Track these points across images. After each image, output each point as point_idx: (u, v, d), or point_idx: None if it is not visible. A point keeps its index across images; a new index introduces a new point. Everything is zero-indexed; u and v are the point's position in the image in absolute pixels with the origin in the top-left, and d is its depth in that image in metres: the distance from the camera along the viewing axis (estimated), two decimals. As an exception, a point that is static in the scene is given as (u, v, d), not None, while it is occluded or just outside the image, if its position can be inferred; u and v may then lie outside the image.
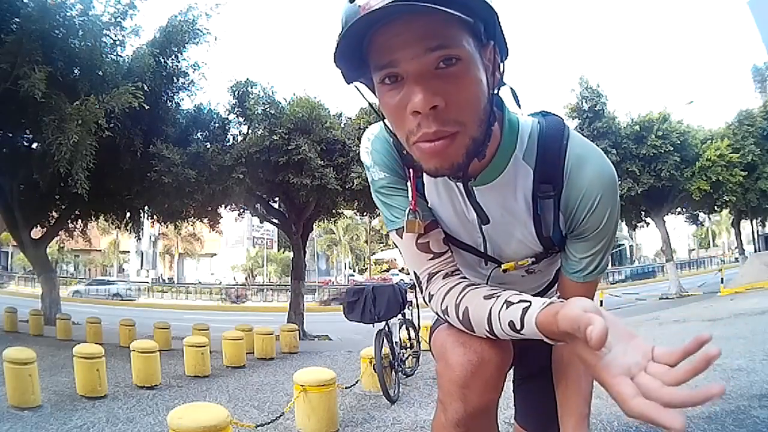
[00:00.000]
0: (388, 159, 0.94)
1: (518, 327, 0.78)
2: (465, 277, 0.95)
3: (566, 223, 0.90)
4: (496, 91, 0.77)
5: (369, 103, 0.80)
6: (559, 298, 0.98)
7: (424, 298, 0.98)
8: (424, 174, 0.93)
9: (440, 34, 0.66)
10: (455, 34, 0.67)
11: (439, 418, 0.95)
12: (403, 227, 0.92)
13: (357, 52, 0.70)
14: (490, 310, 0.82)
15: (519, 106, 0.85)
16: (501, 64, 0.77)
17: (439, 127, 0.69)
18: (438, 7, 0.61)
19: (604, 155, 0.90)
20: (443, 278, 0.93)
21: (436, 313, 0.96)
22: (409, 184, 0.92)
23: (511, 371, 1.19)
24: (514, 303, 0.80)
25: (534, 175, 0.87)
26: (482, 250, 0.98)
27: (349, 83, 0.76)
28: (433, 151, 0.71)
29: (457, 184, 0.89)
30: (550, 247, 0.94)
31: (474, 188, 0.88)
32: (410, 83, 0.68)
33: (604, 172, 0.86)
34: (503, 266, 0.97)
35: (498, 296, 0.83)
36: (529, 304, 0.77)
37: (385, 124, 0.84)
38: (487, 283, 0.98)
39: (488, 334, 0.85)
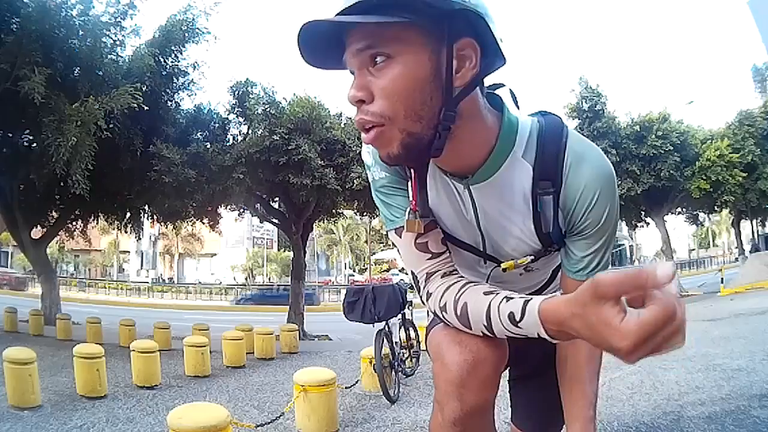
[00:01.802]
0: None
1: (518, 317, 0.76)
2: (463, 276, 0.95)
3: (566, 220, 0.91)
4: (459, 88, 0.75)
5: None
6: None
7: (421, 297, 0.98)
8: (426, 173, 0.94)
9: (369, 36, 0.72)
10: (388, 35, 0.72)
11: (436, 417, 0.95)
12: (402, 227, 0.93)
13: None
14: (490, 304, 0.82)
15: (517, 107, 0.85)
16: (477, 61, 0.76)
17: (362, 117, 0.75)
18: (361, 20, 0.70)
19: (602, 153, 0.91)
20: (441, 277, 0.93)
21: (434, 312, 0.96)
22: (409, 183, 0.92)
23: (507, 372, 1.19)
24: (514, 297, 0.80)
25: (533, 172, 0.87)
26: (481, 249, 0.98)
27: None
28: (367, 140, 0.77)
29: (455, 183, 0.90)
30: (549, 244, 0.94)
31: (471, 186, 0.89)
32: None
33: (602, 169, 0.88)
34: (503, 265, 0.98)
35: (498, 293, 0.84)
36: (531, 298, 0.78)
37: None
38: (486, 282, 0.99)
39: (485, 330, 0.85)
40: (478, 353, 0.88)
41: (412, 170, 0.91)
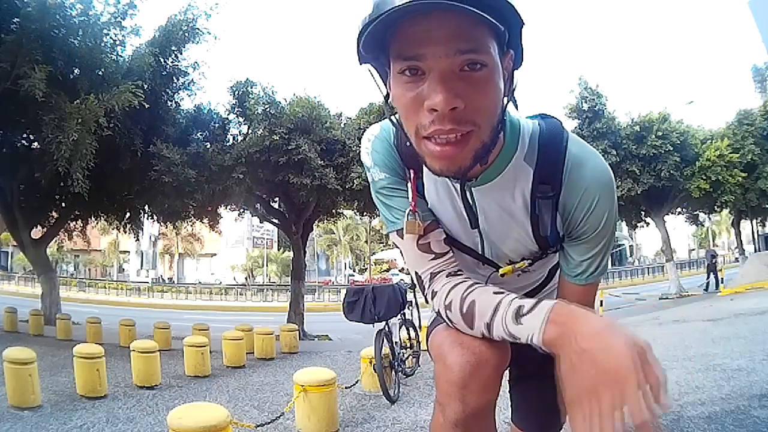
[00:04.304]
0: (388, 160, 0.94)
1: (525, 311, 0.77)
2: (470, 277, 0.95)
3: (564, 224, 0.91)
4: (507, 100, 0.78)
5: (378, 86, 0.81)
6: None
7: (425, 296, 0.97)
8: (424, 175, 0.93)
9: (472, 38, 0.67)
10: (485, 40, 0.68)
11: (437, 418, 0.95)
12: (403, 228, 0.92)
13: (380, 36, 0.70)
14: (500, 300, 0.83)
15: (516, 108, 0.85)
16: (514, 74, 0.78)
17: (455, 126, 0.70)
18: (481, 13, 0.62)
19: (601, 157, 0.91)
20: (447, 276, 0.93)
21: (437, 312, 0.96)
22: (409, 185, 0.92)
23: (507, 371, 1.20)
24: (527, 298, 0.81)
25: (534, 175, 0.88)
26: (480, 252, 0.99)
27: (362, 64, 0.77)
28: (442, 154, 0.72)
29: (455, 184, 0.89)
30: (546, 247, 0.95)
31: (473, 188, 0.89)
32: (433, 80, 0.68)
33: (602, 174, 0.88)
34: (501, 270, 0.98)
35: (508, 293, 0.84)
36: (544, 299, 0.79)
37: (389, 116, 0.83)
38: (486, 284, 0.99)
39: (485, 329, 0.84)
40: (480, 355, 0.87)
41: (411, 171, 0.91)
